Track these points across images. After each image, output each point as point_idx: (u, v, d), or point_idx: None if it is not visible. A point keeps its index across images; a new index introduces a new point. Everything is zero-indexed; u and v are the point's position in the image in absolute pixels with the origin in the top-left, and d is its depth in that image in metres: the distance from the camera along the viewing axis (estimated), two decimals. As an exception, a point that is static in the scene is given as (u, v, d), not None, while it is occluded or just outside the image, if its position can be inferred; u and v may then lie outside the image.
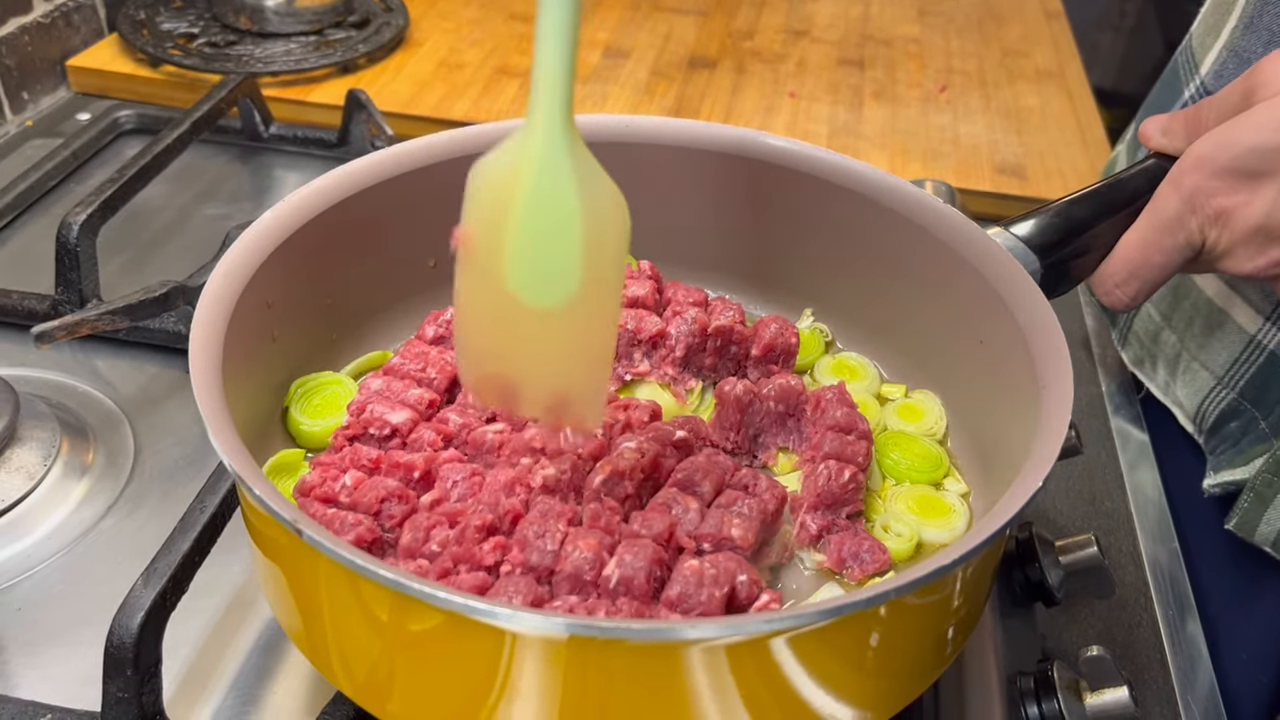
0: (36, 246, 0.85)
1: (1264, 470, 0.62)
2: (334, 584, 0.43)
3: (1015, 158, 1.05)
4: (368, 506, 0.51)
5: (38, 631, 0.57)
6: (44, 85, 1.06)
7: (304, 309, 0.58)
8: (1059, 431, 0.46)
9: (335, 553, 0.39)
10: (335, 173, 0.59)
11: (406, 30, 1.18)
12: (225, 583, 0.60)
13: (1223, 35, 0.67)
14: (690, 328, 0.61)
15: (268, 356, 0.56)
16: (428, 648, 0.42)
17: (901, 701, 0.47)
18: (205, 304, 0.50)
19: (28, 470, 0.64)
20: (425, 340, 0.61)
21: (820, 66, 1.20)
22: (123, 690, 0.49)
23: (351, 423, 0.56)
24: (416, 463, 0.53)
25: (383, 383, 0.57)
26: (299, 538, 0.40)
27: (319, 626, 0.46)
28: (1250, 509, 0.63)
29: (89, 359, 0.75)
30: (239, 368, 0.51)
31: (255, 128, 0.99)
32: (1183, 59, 0.73)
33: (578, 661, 0.40)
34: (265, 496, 0.41)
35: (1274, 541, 0.63)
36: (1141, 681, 0.62)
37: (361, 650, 0.45)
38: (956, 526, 0.55)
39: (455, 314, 0.47)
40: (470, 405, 0.57)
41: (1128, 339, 0.78)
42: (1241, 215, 0.51)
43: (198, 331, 0.48)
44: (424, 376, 0.58)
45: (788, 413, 0.59)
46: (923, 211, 0.60)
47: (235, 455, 0.43)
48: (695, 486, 0.52)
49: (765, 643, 0.40)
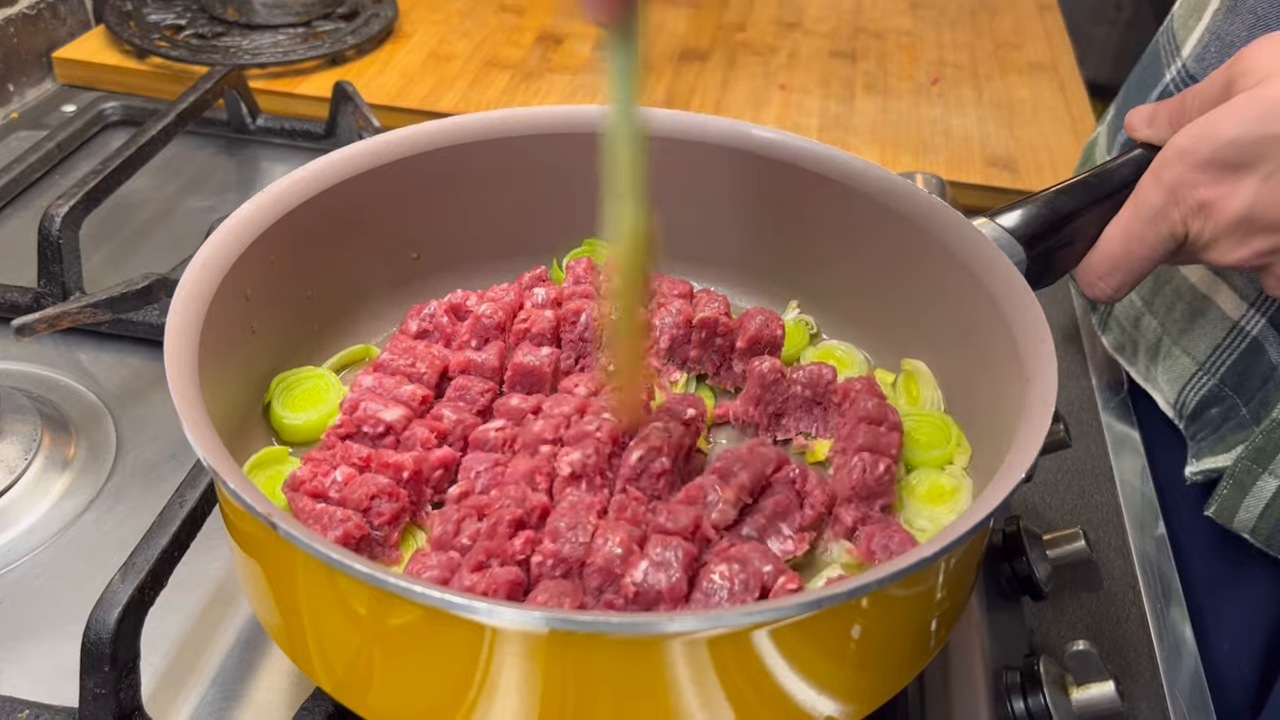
0: (20, 239, 0.85)
1: (1243, 457, 0.62)
2: (311, 579, 0.43)
3: (1007, 150, 1.04)
4: (357, 503, 0.50)
5: (17, 626, 0.57)
6: (29, 77, 1.05)
7: (284, 301, 0.58)
8: (1043, 422, 0.46)
9: (310, 547, 0.39)
10: (317, 163, 0.59)
11: (395, 22, 1.17)
12: (206, 577, 0.59)
13: (1205, 17, 0.67)
14: (675, 319, 0.61)
15: (247, 349, 0.55)
16: (406, 642, 0.42)
17: (885, 694, 0.47)
18: (182, 295, 0.49)
19: (8, 464, 0.63)
20: (409, 335, 0.61)
21: (811, 59, 1.20)
22: (100, 686, 0.48)
23: (344, 420, 0.55)
24: (405, 463, 0.52)
25: (374, 379, 0.57)
26: (274, 532, 0.39)
27: (297, 622, 0.45)
28: (1229, 495, 0.63)
29: (71, 352, 0.74)
30: (217, 360, 0.50)
31: (242, 119, 0.98)
32: (1164, 39, 0.72)
33: (558, 655, 0.40)
34: (240, 490, 0.40)
35: (1253, 528, 0.63)
36: (1129, 675, 0.61)
37: (339, 646, 0.44)
38: (960, 506, 0.55)
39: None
40: (461, 400, 0.57)
41: (1108, 324, 0.78)
42: (1223, 207, 0.51)
43: (174, 323, 0.48)
44: (414, 372, 0.58)
45: (815, 399, 0.59)
46: (908, 203, 0.60)
47: (210, 448, 0.42)
48: (733, 477, 0.51)
49: (746, 635, 0.40)
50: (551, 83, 1.10)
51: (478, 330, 0.60)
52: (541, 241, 0.68)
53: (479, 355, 0.59)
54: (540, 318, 0.61)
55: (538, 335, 0.60)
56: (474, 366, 0.59)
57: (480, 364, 0.59)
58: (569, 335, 0.61)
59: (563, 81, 1.11)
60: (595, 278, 0.64)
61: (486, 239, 0.67)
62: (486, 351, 0.59)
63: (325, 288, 0.60)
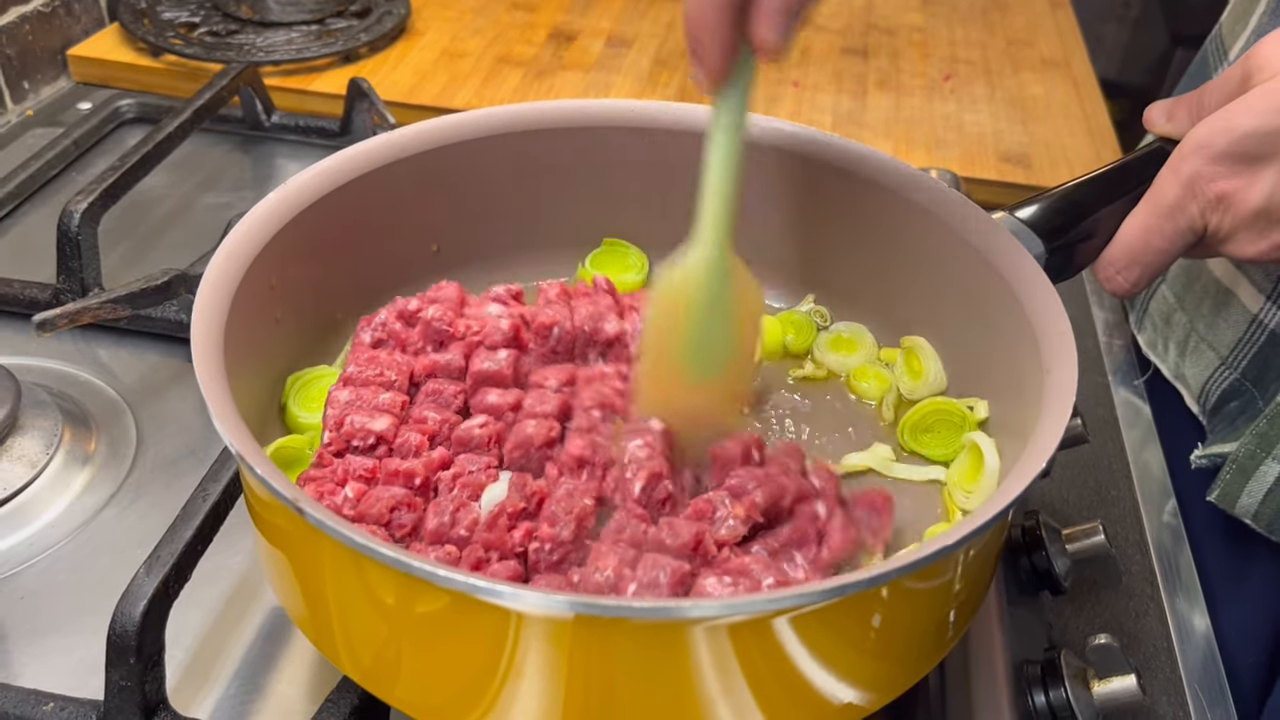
0: (38, 236, 0.85)
1: (1246, 442, 0.62)
2: (338, 566, 0.43)
3: (1020, 146, 1.04)
4: (377, 517, 0.49)
5: (40, 620, 0.57)
6: (45, 75, 1.05)
7: (307, 291, 0.58)
8: (1062, 414, 0.46)
9: (339, 533, 0.39)
10: (341, 155, 0.59)
11: (408, 19, 1.17)
12: (228, 571, 0.59)
13: (1251, 21, 0.67)
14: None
15: (270, 339, 0.56)
16: (434, 629, 0.42)
17: (904, 683, 0.47)
18: (208, 284, 0.49)
19: (30, 459, 0.64)
20: (365, 346, 0.59)
21: (824, 55, 1.19)
22: (125, 679, 0.48)
23: (333, 438, 0.54)
24: (416, 469, 0.51)
25: (350, 393, 0.55)
26: (302, 518, 0.39)
27: (324, 611, 0.46)
28: (1232, 481, 0.63)
29: (91, 348, 0.75)
30: (241, 349, 0.50)
31: (257, 117, 0.99)
32: (1212, 47, 0.72)
33: (582, 640, 0.40)
34: (267, 476, 0.41)
35: (1255, 513, 0.63)
36: (1149, 669, 0.61)
37: (367, 634, 0.44)
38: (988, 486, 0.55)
39: (637, 377, 0.56)
40: (436, 402, 0.56)
41: (1143, 323, 0.78)
42: (1242, 199, 0.51)
43: (200, 311, 0.48)
44: (386, 380, 0.56)
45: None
46: (928, 196, 0.60)
47: (236, 433, 0.43)
48: (746, 494, 0.50)
49: (768, 622, 0.40)
50: (564, 80, 1.11)
51: (429, 334, 0.59)
52: (561, 237, 0.68)
53: (443, 357, 0.58)
54: (495, 327, 0.59)
55: (494, 344, 0.59)
56: (440, 368, 0.58)
57: (446, 365, 0.58)
58: (540, 349, 0.60)
59: (575, 79, 1.11)
60: (567, 301, 0.63)
61: (506, 234, 0.67)
62: (451, 352, 0.58)
63: (348, 279, 0.61)
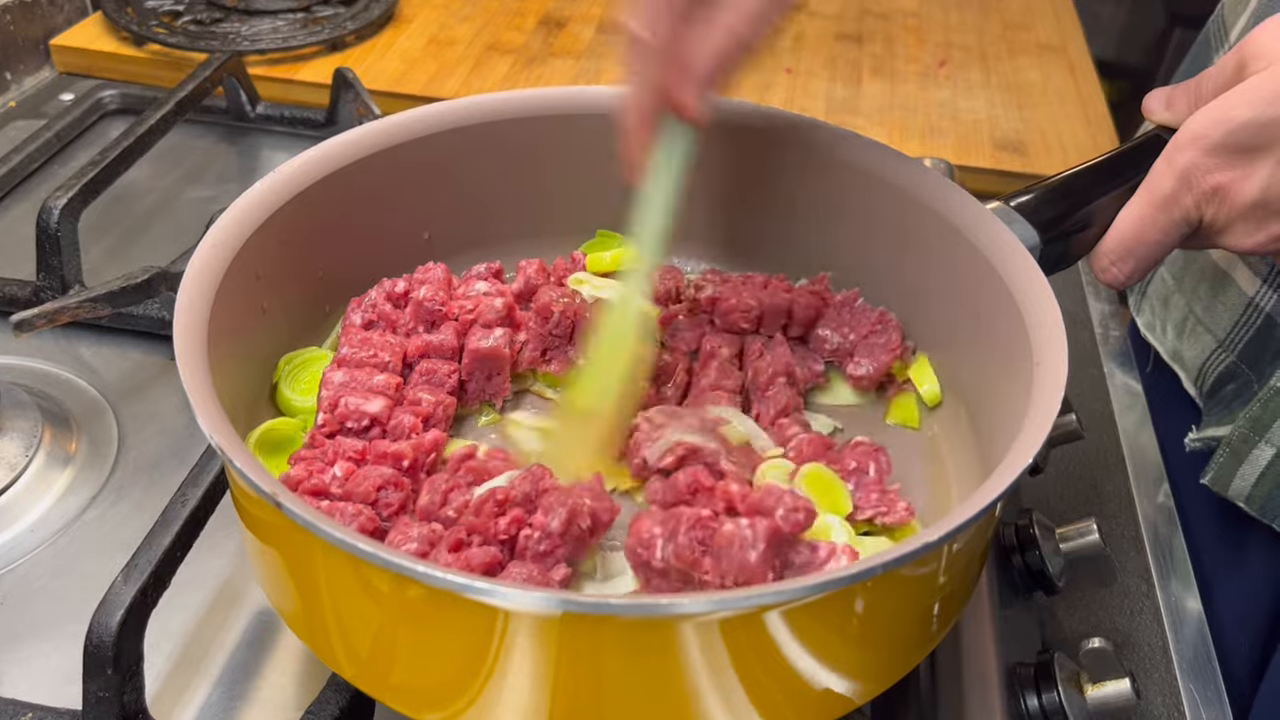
0: (18, 231, 0.84)
1: (1240, 425, 0.61)
2: (324, 560, 0.42)
3: (1016, 133, 1.03)
4: (364, 496, 0.50)
5: (19, 626, 0.56)
6: (27, 65, 1.04)
7: (296, 281, 0.58)
8: (1052, 407, 0.45)
9: (316, 526, 0.38)
10: (328, 143, 0.58)
11: (395, 6, 1.16)
12: (210, 576, 0.58)
13: (1251, 3, 0.66)
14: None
15: (257, 329, 0.55)
16: (420, 623, 0.42)
17: (892, 677, 0.46)
18: (191, 276, 0.49)
19: (9, 461, 0.63)
20: (357, 327, 0.59)
21: (818, 42, 1.18)
22: (103, 690, 0.48)
23: (327, 419, 0.54)
24: (405, 451, 0.52)
25: (344, 375, 0.56)
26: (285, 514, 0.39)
27: (312, 605, 0.45)
28: (1225, 464, 0.63)
29: (71, 346, 0.74)
30: (226, 339, 0.50)
31: (241, 107, 0.97)
32: (1214, 28, 0.71)
33: (570, 638, 0.40)
34: (246, 469, 0.40)
35: (1248, 496, 0.63)
36: (1143, 670, 0.61)
37: (360, 631, 0.44)
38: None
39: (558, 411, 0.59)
40: (430, 383, 0.57)
41: (1142, 305, 0.77)
42: (1238, 191, 0.50)
43: (183, 303, 0.47)
44: (380, 361, 0.57)
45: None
46: (919, 184, 0.59)
47: (217, 426, 0.42)
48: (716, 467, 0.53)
49: (755, 617, 0.40)
50: (554, 67, 1.09)
51: (421, 315, 0.59)
52: (554, 226, 0.67)
53: (435, 337, 0.58)
54: (490, 306, 0.59)
55: (489, 322, 0.59)
56: (433, 349, 0.58)
57: (439, 345, 0.58)
58: (539, 329, 0.60)
59: (565, 66, 1.09)
60: (547, 277, 0.64)
61: (498, 222, 0.66)
62: (443, 332, 0.59)
63: (336, 268, 0.60)
